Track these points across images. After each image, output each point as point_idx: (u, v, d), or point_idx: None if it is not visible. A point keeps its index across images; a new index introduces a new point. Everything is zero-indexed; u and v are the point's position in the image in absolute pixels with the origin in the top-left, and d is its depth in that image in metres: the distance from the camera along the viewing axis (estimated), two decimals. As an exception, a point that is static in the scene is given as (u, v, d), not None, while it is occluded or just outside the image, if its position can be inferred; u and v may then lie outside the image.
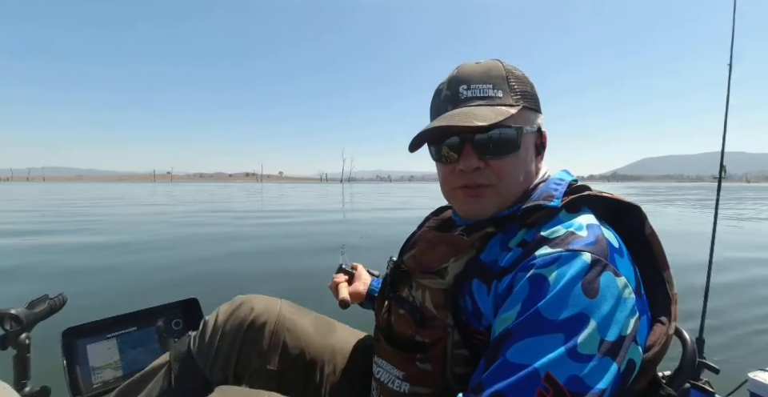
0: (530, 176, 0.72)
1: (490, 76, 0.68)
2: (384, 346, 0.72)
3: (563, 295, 0.52)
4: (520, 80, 0.70)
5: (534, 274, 0.54)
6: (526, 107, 0.68)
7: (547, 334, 0.50)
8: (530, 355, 0.50)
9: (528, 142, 0.70)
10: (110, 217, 11.78)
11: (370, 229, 1.35)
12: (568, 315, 0.51)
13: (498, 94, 0.67)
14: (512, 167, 0.68)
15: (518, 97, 0.68)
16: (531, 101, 0.70)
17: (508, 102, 0.67)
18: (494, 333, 0.56)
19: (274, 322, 0.93)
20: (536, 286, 0.54)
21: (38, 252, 5.85)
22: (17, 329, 0.93)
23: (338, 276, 1.10)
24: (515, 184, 0.69)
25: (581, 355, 0.49)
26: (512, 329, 0.53)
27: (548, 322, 0.51)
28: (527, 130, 0.68)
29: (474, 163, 0.67)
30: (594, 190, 0.67)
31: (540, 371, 0.48)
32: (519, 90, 0.68)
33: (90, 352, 1.07)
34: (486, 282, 0.62)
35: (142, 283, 4.11)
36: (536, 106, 0.71)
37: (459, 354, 0.63)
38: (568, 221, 0.61)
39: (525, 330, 0.52)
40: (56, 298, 1.03)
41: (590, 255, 0.54)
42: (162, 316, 1.20)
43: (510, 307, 0.55)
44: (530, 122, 0.70)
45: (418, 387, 0.66)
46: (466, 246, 0.66)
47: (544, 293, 0.52)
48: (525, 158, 0.70)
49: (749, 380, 1.33)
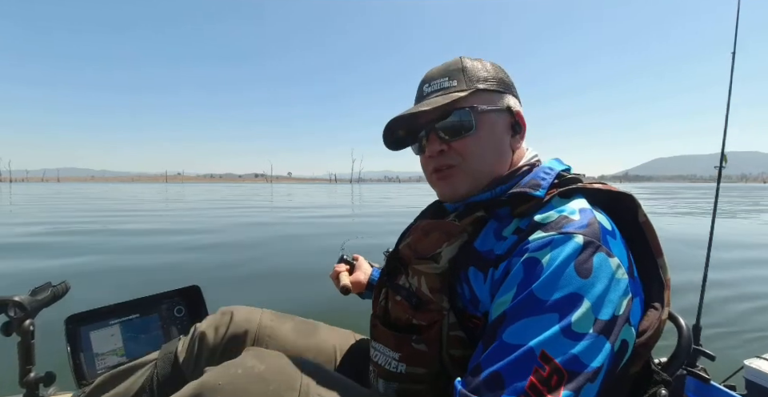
0: (504, 154, 0.74)
1: (447, 70, 0.74)
2: (381, 329, 0.74)
3: (556, 276, 0.52)
4: (477, 68, 0.74)
5: (528, 257, 0.55)
6: (481, 90, 0.71)
7: (541, 314, 0.51)
8: (525, 335, 0.50)
9: (490, 121, 0.72)
10: (197, 216, 12.15)
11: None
12: (561, 295, 0.51)
13: (453, 84, 0.72)
14: (473, 146, 0.71)
15: (472, 82, 0.72)
16: (490, 83, 0.73)
17: (461, 87, 0.71)
18: (491, 317, 0.57)
19: (255, 331, 0.95)
20: (530, 268, 0.55)
21: (196, 251, 5.85)
22: (21, 315, 0.94)
23: (339, 266, 1.13)
24: (482, 162, 0.72)
25: (575, 333, 0.50)
26: (507, 311, 0.54)
27: (542, 303, 0.52)
28: (483, 108, 0.71)
29: (437, 147, 0.73)
30: (585, 182, 0.67)
31: (535, 350, 0.49)
32: (475, 77, 0.72)
33: (93, 339, 1.08)
34: (482, 270, 0.63)
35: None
36: (501, 88, 0.74)
37: (455, 336, 0.65)
38: (561, 206, 0.62)
39: (520, 311, 0.52)
40: (59, 285, 1.04)
41: (582, 237, 0.55)
42: (165, 303, 1.21)
43: (506, 291, 0.56)
44: (491, 102, 0.72)
45: (414, 368, 0.67)
46: (457, 230, 0.68)
47: (537, 275, 0.53)
48: (488, 136, 0.72)
49: (745, 367, 1.34)
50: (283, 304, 3.01)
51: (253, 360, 0.66)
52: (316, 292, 3.42)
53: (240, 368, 0.64)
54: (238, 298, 2.86)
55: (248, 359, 0.66)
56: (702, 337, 1.54)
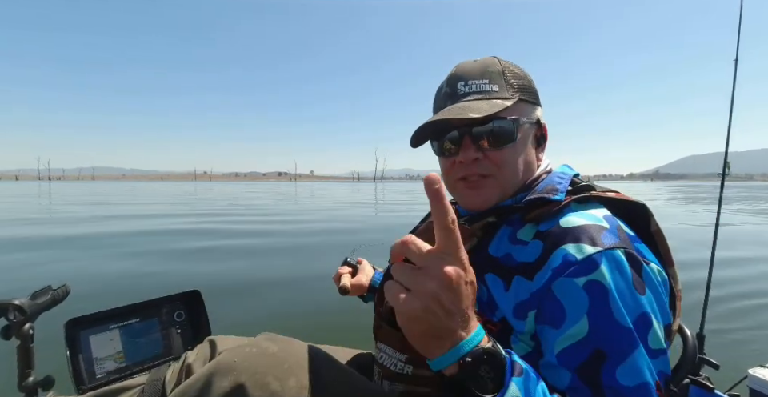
0: (531, 167, 0.73)
1: (487, 72, 0.70)
2: (387, 330, 0.72)
3: (624, 300, 0.53)
4: (516, 75, 0.72)
5: (589, 281, 0.54)
6: (522, 100, 0.70)
7: (638, 345, 0.52)
8: (639, 374, 0.51)
9: (526, 134, 0.72)
10: (312, 212, 12.66)
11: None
12: (635, 320, 0.53)
13: (495, 89, 0.69)
14: (510, 158, 0.70)
15: (514, 90, 0.70)
16: (528, 94, 0.72)
17: (504, 95, 0.68)
18: (557, 347, 0.55)
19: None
20: (596, 294, 0.53)
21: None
22: (20, 319, 0.93)
23: (342, 268, 1.14)
24: (514, 174, 0.71)
25: (655, 351, 0.53)
26: (604, 349, 0.52)
27: (630, 331, 0.52)
28: (523, 121, 0.70)
29: (473, 154, 0.70)
30: (598, 189, 0.67)
31: (651, 384, 0.51)
32: (516, 84, 0.70)
33: (92, 343, 1.08)
34: (503, 278, 0.62)
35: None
36: (534, 99, 0.73)
37: None
38: (582, 211, 0.62)
39: (618, 348, 0.52)
40: (59, 289, 1.03)
41: (624, 250, 0.56)
42: (165, 307, 1.21)
43: (574, 320, 0.54)
44: (527, 114, 0.71)
45: (420, 369, 0.66)
46: (466, 234, 0.67)
47: (607, 301, 0.53)
48: (523, 149, 0.71)
49: (749, 376, 1.33)
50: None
51: (267, 342, 0.69)
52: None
53: (255, 347, 0.67)
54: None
55: (262, 341, 0.70)
56: (705, 345, 1.53)
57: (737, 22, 1.66)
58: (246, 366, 0.63)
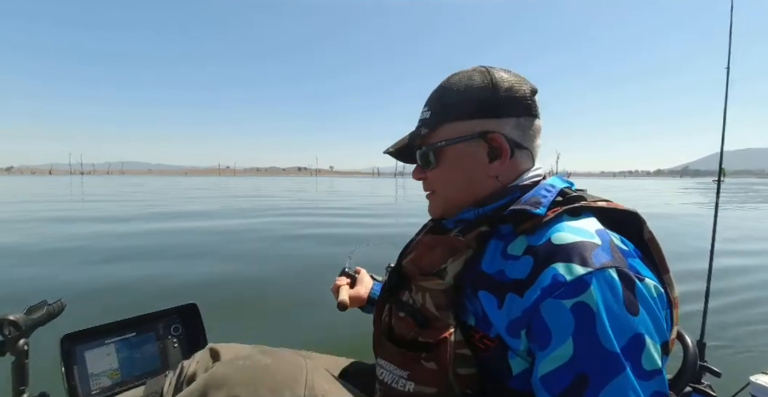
0: (475, 182, 0.73)
1: (430, 98, 0.77)
2: (388, 346, 0.72)
3: (614, 322, 0.52)
4: (458, 92, 0.72)
5: (576, 303, 0.53)
6: (450, 121, 0.72)
7: (623, 370, 0.51)
8: None
9: (453, 154, 0.73)
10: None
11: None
12: (626, 341, 0.52)
13: (426, 116, 0.75)
14: (441, 178, 0.76)
15: (441, 114, 0.73)
16: (465, 110, 0.71)
17: (429, 123, 0.74)
18: (541, 370, 0.55)
19: None
20: (582, 316, 0.53)
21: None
22: (15, 335, 0.92)
23: (340, 279, 1.12)
24: (449, 191, 0.76)
25: (649, 373, 0.52)
26: (587, 373, 0.52)
27: (616, 356, 0.51)
28: (441, 145, 0.73)
29: (417, 175, 0.80)
30: (589, 200, 0.67)
31: None
32: (447, 106, 0.73)
33: (88, 358, 1.06)
34: (496, 295, 0.61)
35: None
36: (478, 113, 0.70)
37: (461, 354, 0.63)
38: (573, 225, 0.61)
39: (601, 373, 0.51)
40: (55, 303, 1.02)
41: (616, 269, 0.55)
42: (161, 321, 1.20)
43: (559, 343, 0.54)
44: (458, 131, 0.71)
45: (422, 386, 0.65)
46: (462, 245, 0.67)
47: (593, 324, 0.52)
48: (452, 169, 0.74)
49: (750, 383, 1.32)
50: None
51: (260, 355, 0.71)
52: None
53: (248, 360, 0.69)
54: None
55: (256, 353, 0.71)
56: (706, 353, 1.53)
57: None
58: (240, 379, 0.64)
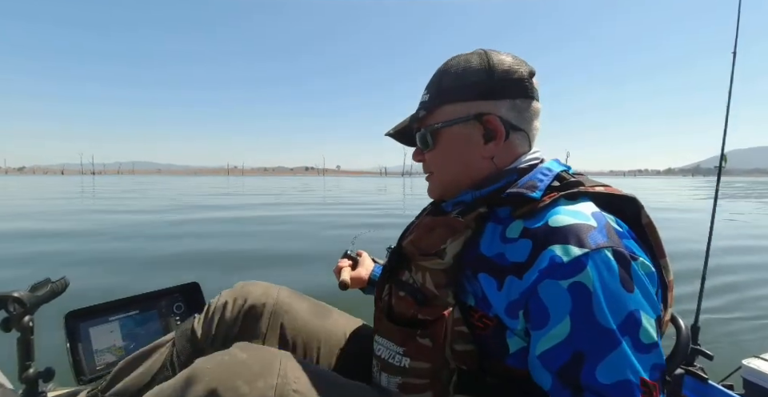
0: (470, 164, 0.74)
1: (430, 81, 0.77)
2: (385, 323, 0.74)
3: (610, 301, 0.54)
4: (455, 75, 0.73)
5: (573, 283, 0.55)
6: (448, 102, 0.73)
7: (619, 344, 0.53)
8: (618, 371, 0.53)
9: (449, 136, 0.74)
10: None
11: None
12: (623, 318, 0.54)
13: (426, 99, 0.77)
14: (439, 159, 0.78)
15: (439, 97, 0.74)
16: (461, 93, 0.72)
17: (428, 105, 0.76)
18: (539, 348, 0.57)
19: (273, 306, 0.98)
20: (579, 295, 0.54)
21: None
22: (20, 311, 0.94)
23: (342, 261, 1.15)
24: (446, 173, 0.79)
25: (647, 346, 0.54)
26: (583, 350, 0.54)
27: (611, 332, 0.53)
28: (438, 126, 0.74)
29: (416, 157, 0.83)
30: (587, 185, 0.67)
31: (634, 380, 0.52)
32: (445, 88, 0.74)
33: (92, 335, 1.09)
34: (495, 278, 0.62)
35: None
36: (473, 95, 0.71)
37: (459, 331, 0.65)
38: (569, 208, 0.62)
39: (597, 348, 0.53)
40: (58, 281, 1.04)
41: (611, 249, 0.56)
42: (164, 299, 1.21)
43: (556, 321, 0.55)
44: (453, 114, 0.73)
45: (417, 362, 0.68)
46: (461, 226, 0.68)
47: (590, 302, 0.54)
48: (448, 151, 0.76)
49: (743, 367, 1.34)
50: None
51: (238, 350, 0.74)
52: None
53: (227, 356, 0.73)
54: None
55: (234, 350, 0.75)
56: (700, 337, 1.55)
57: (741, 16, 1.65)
58: (218, 373, 0.68)
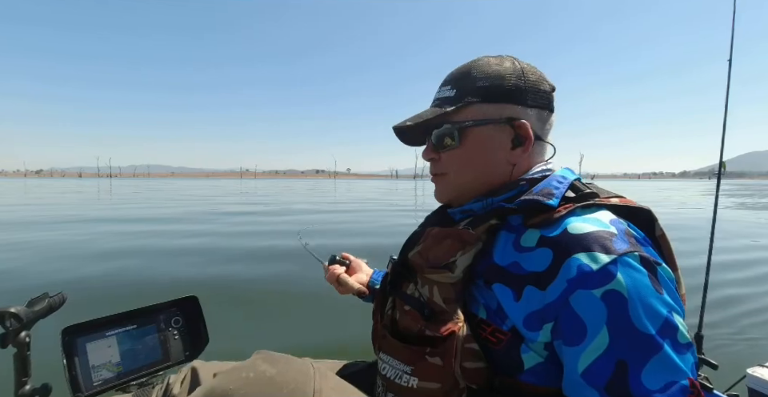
0: (493, 169, 0.72)
1: (455, 77, 0.74)
2: (390, 341, 0.71)
3: (645, 305, 0.53)
4: (486, 75, 0.71)
5: (606, 291, 0.53)
6: (474, 102, 0.70)
7: (661, 348, 0.52)
8: (665, 375, 0.51)
9: (478, 136, 0.72)
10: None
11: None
12: (661, 322, 0.53)
13: (451, 94, 0.73)
14: (458, 160, 0.74)
15: (469, 93, 0.71)
16: (493, 93, 0.70)
17: (455, 100, 0.72)
18: (581, 365, 0.54)
19: None
20: (614, 304, 0.53)
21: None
22: (17, 327, 0.93)
23: (334, 267, 1.09)
24: (463, 176, 0.74)
25: (684, 346, 0.54)
26: (626, 359, 0.52)
27: (652, 337, 0.52)
28: (468, 124, 0.71)
29: (428, 155, 0.77)
30: (602, 196, 0.66)
31: (683, 381, 0.51)
32: (475, 86, 0.71)
33: (89, 350, 1.07)
34: (512, 288, 0.61)
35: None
36: (504, 98, 0.71)
37: (469, 349, 0.62)
38: (587, 216, 0.61)
39: (640, 355, 0.52)
40: (56, 296, 1.03)
41: (637, 254, 0.56)
42: (162, 314, 1.20)
43: (594, 333, 0.53)
44: (484, 114, 0.71)
45: (427, 382, 0.64)
46: (472, 239, 0.66)
47: (626, 309, 0.53)
48: (473, 152, 0.72)
49: (747, 376, 1.33)
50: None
51: (264, 364, 0.65)
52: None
53: (252, 372, 0.63)
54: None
55: (259, 363, 0.66)
56: (703, 346, 1.53)
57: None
58: (243, 395, 0.60)
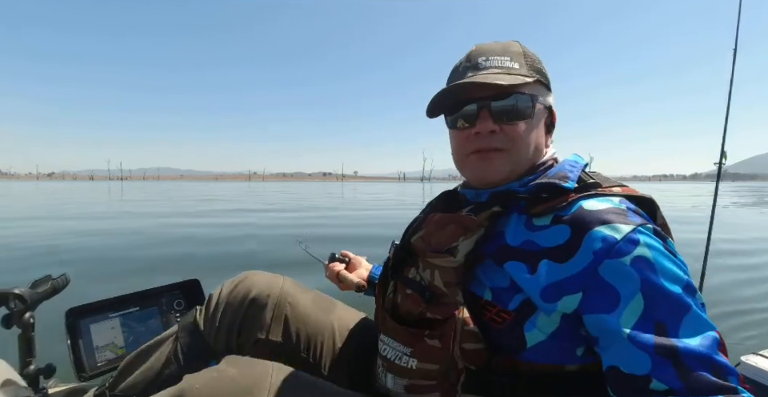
0: (540, 149, 0.74)
1: (508, 51, 0.73)
2: (390, 323, 0.72)
3: (668, 268, 0.56)
4: (535, 59, 0.74)
5: (635, 258, 0.56)
6: (539, 81, 0.72)
7: (690, 307, 0.54)
8: (699, 330, 0.54)
9: (540, 114, 0.73)
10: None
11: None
12: (683, 283, 0.56)
13: (515, 66, 0.71)
14: (525, 133, 0.71)
15: (533, 71, 0.72)
16: (545, 78, 0.74)
17: (524, 73, 0.71)
18: (623, 329, 0.54)
19: (277, 297, 0.95)
20: (643, 269, 0.55)
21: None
22: (21, 308, 0.94)
23: (334, 265, 1.12)
24: (526, 152, 0.71)
25: (703, 306, 0.56)
26: (663, 320, 0.54)
27: (680, 297, 0.55)
28: (540, 100, 0.72)
29: (490, 126, 0.69)
30: (605, 185, 0.67)
31: (714, 334, 0.53)
32: (535, 66, 0.73)
33: (93, 331, 1.09)
34: (526, 263, 0.62)
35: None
36: (548, 85, 0.75)
37: (469, 331, 0.64)
38: (597, 198, 0.64)
39: (674, 315, 0.54)
40: (59, 278, 1.04)
41: (651, 226, 0.60)
42: (164, 296, 1.22)
43: (628, 298, 0.55)
44: (543, 95, 0.74)
45: (425, 363, 0.66)
46: (474, 225, 0.67)
47: (655, 273, 0.55)
48: (537, 128, 0.73)
49: (741, 364, 1.35)
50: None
51: (227, 366, 0.73)
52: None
53: (216, 372, 0.71)
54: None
55: (224, 366, 0.73)
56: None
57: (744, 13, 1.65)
58: (207, 392, 0.68)
